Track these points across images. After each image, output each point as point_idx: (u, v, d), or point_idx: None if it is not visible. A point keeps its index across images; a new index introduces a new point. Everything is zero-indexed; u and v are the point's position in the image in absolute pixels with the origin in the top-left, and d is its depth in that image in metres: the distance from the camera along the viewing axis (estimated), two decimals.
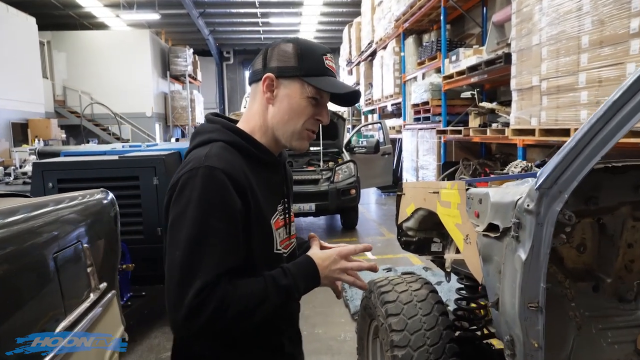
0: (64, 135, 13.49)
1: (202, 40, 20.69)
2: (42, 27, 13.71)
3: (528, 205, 1.21)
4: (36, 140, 10.99)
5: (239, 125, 1.12)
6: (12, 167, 6.96)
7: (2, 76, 10.81)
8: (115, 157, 3.49)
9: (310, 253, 1.08)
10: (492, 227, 1.43)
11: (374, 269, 1.11)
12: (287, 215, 1.16)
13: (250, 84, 1.12)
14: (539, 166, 2.18)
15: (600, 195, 1.39)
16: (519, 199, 1.28)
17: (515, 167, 2.16)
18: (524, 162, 2.19)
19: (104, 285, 1.29)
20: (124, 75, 16.58)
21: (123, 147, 4.85)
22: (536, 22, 4.36)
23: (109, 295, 1.39)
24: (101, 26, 18.45)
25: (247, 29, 20.40)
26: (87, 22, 17.80)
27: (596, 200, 1.38)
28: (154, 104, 17.46)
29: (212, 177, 0.95)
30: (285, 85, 1.06)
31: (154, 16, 15.79)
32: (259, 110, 1.09)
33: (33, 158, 7.59)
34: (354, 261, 1.10)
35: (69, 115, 15.78)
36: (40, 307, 0.96)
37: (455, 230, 1.80)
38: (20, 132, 12.14)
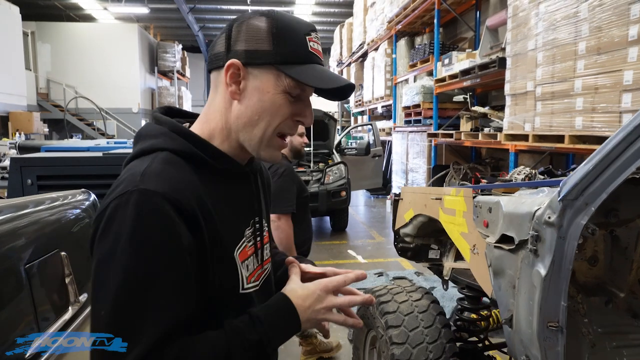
0: (46, 130, 13.16)
1: (192, 36, 20.42)
2: (25, 17, 13.34)
3: (549, 217, 1.13)
4: (17, 134, 10.68)
5: (195, 125, 0.88)
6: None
7: None
8: (99, 154, 3.34)
9: (287, 290, 0.84)
10: (505, 239, 1.35)
11: (369, 303, 0.90)
12: (258, 239, 0.92)
13: (209, 71, 0.86)
14: (542, 174, 2.11)
15: (620, 207, 1.32)
16: (537, 210, 1.20)
17: (518, 174, 2.08)
18: (527, 169, 2.12)
19: (84, 296, 1.17)
20: (111, 70, 16.26)
21: (107, 143, 4.69)
22: (532, 27, 4.33)
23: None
24: (88, 18, 18.07)
25: None
26: (73, 14, 17.43)
27: (617, 212, 1.30)
28: (140, 99, 17.16)
29: (149, 206, 0.70)
30: (256, 76, 0.81)
31: (143, 10, 15.52)
32: (221, 107, 0.85)
33: (13, 152, 7.35)
34: (346, 292, 0.90)
35: (52, 109, 15.40)
36: (8, 324, 0.85)
37: (461, 240, 1.71)
38: (1, 125, 11.79)
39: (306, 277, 0.93)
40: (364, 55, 12.04)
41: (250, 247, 0.89)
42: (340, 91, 0.84)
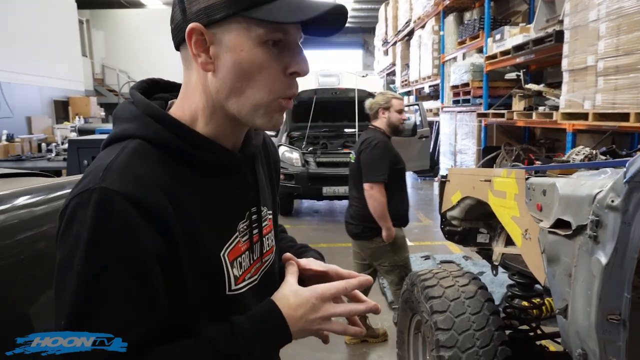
0: (103, 113, 13.79)
1: None
2: (80, 5, 13.92)
3: (612, 201, 1.03)
4: (77, 118, 11.27)
5: (176, 105, 0.76)
6: (54, 144, 7.14)
7: (44, 55, 11.06)
8: None
9: (278, 297, 0.73)
10: (560, 224, 1.26)
11: (375, 311, 0.78)
12: (255, 232, 0.81)
13: (176, 48, 0.74)
14: (605, 154, 1.96)
15: None
16: (598, 193, 1.10)
17: (577, 155, 1.95)
18: (587, 149, 1.98)
19: None
20: (161, 54, 16.66)
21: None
22: None
23: None
24: (137, 4, 18.60)
25: None
26: (124, 1, 18.00)
27: None
28: None
29: (109, 209, 0.62)
30: (223, 35, 0.67)
31: None
32: (198, 84, 0.72)
33: (73, 135, 7.77)
34: (351, 297, 0.79)
35: (107, 94, 16.12)
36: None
37: (511, 224, 1.63)
38: (62, 109, 12.47)
39: (307, 275, 0.84)
40: (410, 34, 11.68)
41: (245, 241, 0.79)
42: (331, 18, 0.69)
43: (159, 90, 0.82)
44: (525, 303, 2.03)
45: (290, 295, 0.73)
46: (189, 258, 0.69)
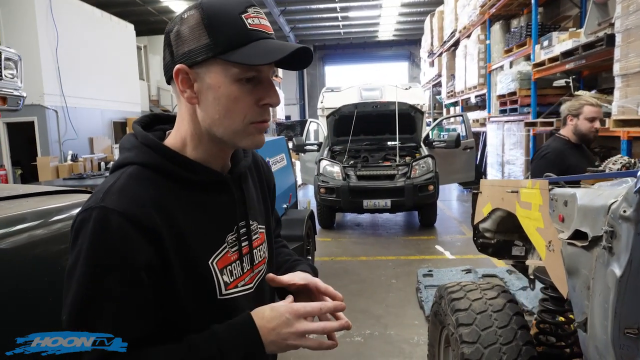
0: None
1: (284, 37, 21.12)
2: (139, 32, 14.86)
3: (624, 211, 1.01)
4: None
5: (171, 135, 0.86)
6: (112, 162, 7.63)
7: (106, 79, 11.89)
8: None
9: (255, 310, 0.80)
10: (579, 235, 1.23)
11: (347, 328, 0.83)
12: (243, 244, 0.89)
13: (168, 83, 0.85)
14: None
15: None
16: (613, 203, 1.07)
17: (614, 164, 1.87)
18: (626, 157, 1.90)
19: None
20: None
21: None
22: None
23: None
24: None
25: (327, 24, 20.47)
26: None
27: None
28: None
29: (106, 225, 0.72)
30: (204, 74, 0.78)
31: None
32: (186, 115, 0.83)
33: None
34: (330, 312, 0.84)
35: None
36: None
37: (536, 235, 1.59)
38: (120, 130, 13.29)
39: (292, 289, 0.91)
40: (456, 44, 11.51)
41: (234, 252, 0.87)
42: (296, 58, 0.79)
43: (159, 123, 0.94)
44: (561, 318, 1.95)
45: (266, 309, 0.80)
46: (179, 263, 0.78)
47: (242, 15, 0.77)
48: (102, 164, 7.85)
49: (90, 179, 6.48)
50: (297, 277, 0.91)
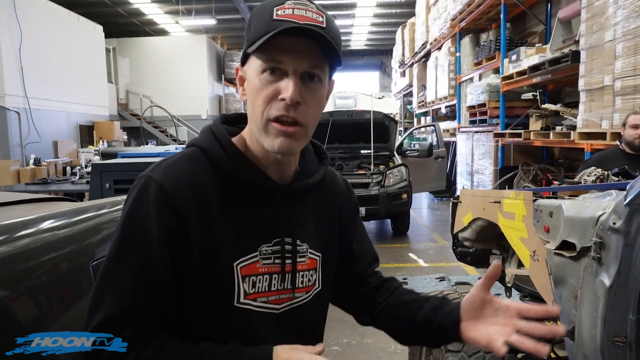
0: (125, 137, 14.17)
1: None
2: (108, 34, 14.51)
3: (614, 223, 1.04)
4: (100, 142, 11.61)
5: (242, 132, 0.86)
6: (78, 167, 7.36)
7: (72, 82, 11.52)
8: None
9: (280, 346, 0.76)
10: (566, 245, 1.26)
11: None
12: (287, 262, 0.84)
13: None
14: (617, 175, 1.95)
15: None
16: (601, 215, 1.11)
17: (588, 176, 1.94)
18: (599, 170, 1.97)
19: None
20: (182, 79, 17.20)
21: (176, 148, 4.97)
22: (610, 17, 4.01)
23: None
24: (162, 32, 19.26)
25: None
26: (149, 29, 18.66)
27: None
28: (209, 106, 17.99)
29: (144, 193, 0.76)
30: (246, 70, 0.81)
31: (210, 21, 16.28)
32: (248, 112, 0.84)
33: (97, 159, 8.00)
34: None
35: (130, 118, 16.58)
36: (77, 318, 0.93)
37: (520, 245, 1.63)
38: (87, 133, 12.88)
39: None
40: (427, 55, 11.78)
41: (266, 265, 0.82)
42: (328, 53, 0.76)
43: (244, 122, 0.89)
44: None
45: (288, 348, 0.76)
46: (200, 253, 0.77)
47: (275, 7, 0.75)
48: (68, 168, 7.54)
49: (55, 184, 6.20)
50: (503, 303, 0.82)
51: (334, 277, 0.95)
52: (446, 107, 10.43)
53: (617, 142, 3.10)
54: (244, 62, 0.82)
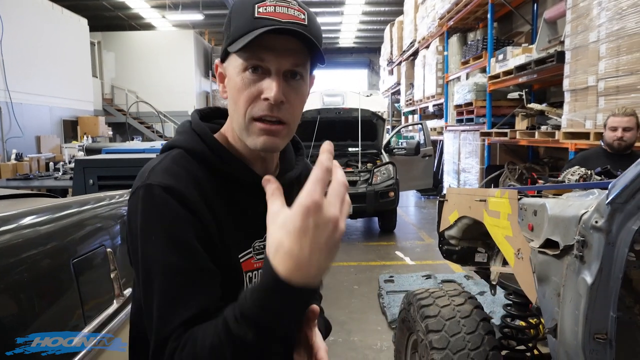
0: (110, 133, 13.98)
1: None
2: (93, 28, 14.27)
3: (596, 222, 1.05)
4: (85, 137, 11.43)
5: (223, 128, 0.86)
6: (62, 163, 7.25)
7: (56, 75, 11.31)
8: (154, 155, 3.52)
9: (269, 251, 0.59)
10: (550, 244, 1.28)
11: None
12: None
13: None
14: (600, 174, 1.97)
15: None
16: (584, 214, 1.12)
17: (572, 175, 1.96)
18: (582, 169, 2.00)
19: (128, 291, 1.24)
20: (168, 75, 17.03)
21: (161, 145, 4.91)
22: (594, 18, 4.07)
23: None
24: (148, 27, 19.02)
25: None
26: (135, 23, 18.41)
27: None
28: (196, 102, 17.85)
29: (151, 198, 0.73)
30: (226, 68, 0.80)
31: (198, 17, 16.13)
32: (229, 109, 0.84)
33: (81, 154, 7.88)
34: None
35: (115, 113, 16.36)
36: (57, 315, 0.91)
37: (505, 243, 1.64)
38: (71, 128, 12.67)
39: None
40: (415, 54, 11.83)
41: (259, 260, 0.83)
42: (312, 52, 0.76)
43: (221, 117, 0.91)
44: (522, 323, 2.02)
45: (277, 231, 0.59)
46: (220, 247, 0.76)
47: (256, 5, 0.74)
48: (51, 164, 7.42)
49: (37, 179, 6.09)
50: (322, 346, 0.81)
51: None
52: (434, 105, 10.49)
53: (600, 142, 3.15)
54: (224, 58, 0.81)
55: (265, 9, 0.73)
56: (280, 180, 0.78)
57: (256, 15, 0.73)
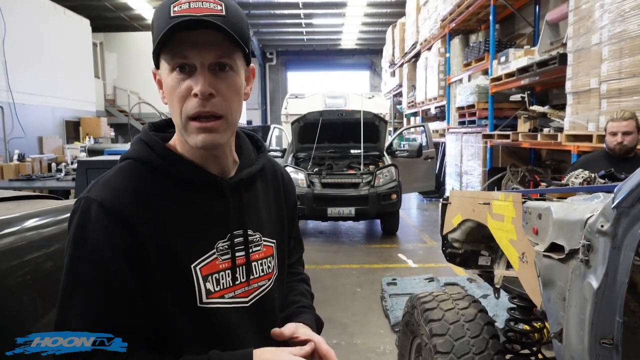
0: (113, 134, 14.01)
1: None
2: (95, 28, 14.31)
3: (602, 226, 1.05)
4: (87, 138, 11.45)
5: (175, 134, 0.86)
6: (64, 163, 7.26)
7: (58, 76, 11.34)
8: None
9: (259, 349, 0.79)
10: (555, 247, 1.27)
11: None
12: (238, 254, 0.84)
13: None
14: (604, 177, 1.97)
15: None
16: (589, 217, 1.12)
17: (575, 178, 1.96)
18: (586, 172, 1.99)
19: None
20: None
21: None
22: (596, 20, 4.06)
23: None
24: (149, 27, 19.06)
25: (291, 30, 20.51)
26: (137, 24, 18.45)
27: None
28: None
29: (87, 215, 0.75)
30: (161, 73, 0.81)
31: None
32: None
33: (83, 155, 7.89)
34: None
35: (118, 114, 16.38)
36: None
37: (509, 247, 1.64)
38: (73, 129, 12.69)
39: (294, 342, 0.88)
40: (417, 56, 11.83)
41: (225, 261, 0.83)
42: (204, 24, 0.74)
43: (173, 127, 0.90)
44: (526, 327, 2.02)
45: (268, 351, 0.78)
46: (157, 260, 0.77)
47: (172, 5, 0.75)
48: (53, 164, 7.43)
49: (39, 180, 6.10)
50: (300, 332, 0.88)
51: (286, 261, 1.00)
52: (436, 107, 10.49)
53: (604, 145, 3.14)
54: (157, 64, 0.81)
55: (180, 7, 0.75)
56: (238, 176, 0.86)
57: (172, 14, 0.75)
